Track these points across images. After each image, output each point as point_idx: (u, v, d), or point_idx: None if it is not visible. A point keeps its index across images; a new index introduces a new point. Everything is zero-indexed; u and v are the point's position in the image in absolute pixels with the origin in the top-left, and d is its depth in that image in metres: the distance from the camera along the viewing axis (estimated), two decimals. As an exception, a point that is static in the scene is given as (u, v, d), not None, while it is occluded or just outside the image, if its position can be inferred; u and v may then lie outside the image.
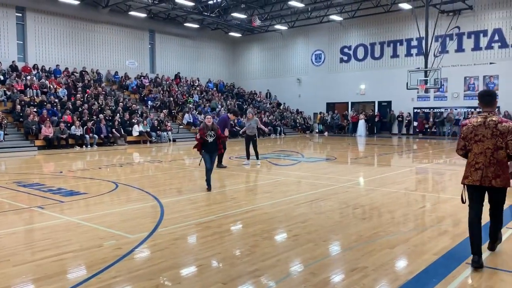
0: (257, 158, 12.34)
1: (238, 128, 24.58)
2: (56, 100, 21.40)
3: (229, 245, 4.89)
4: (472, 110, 25.00)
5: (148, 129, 21.94)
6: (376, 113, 28.76)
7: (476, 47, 25.31)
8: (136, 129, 21.33)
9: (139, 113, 23.34)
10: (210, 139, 8.03)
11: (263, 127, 13.70)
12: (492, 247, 4.59)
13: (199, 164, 8.80)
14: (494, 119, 4.15)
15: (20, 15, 24.29)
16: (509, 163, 4.19)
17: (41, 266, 4.19)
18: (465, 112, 25.69)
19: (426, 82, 23.61)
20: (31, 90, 21.51)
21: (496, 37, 24.68)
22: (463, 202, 4.28)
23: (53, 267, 4.16)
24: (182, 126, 25.10)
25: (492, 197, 4.31)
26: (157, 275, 3.97)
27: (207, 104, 28.39)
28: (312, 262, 4.34)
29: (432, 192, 8.70)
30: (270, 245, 4.90)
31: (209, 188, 8.20)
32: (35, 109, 19.32)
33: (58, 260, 4.37)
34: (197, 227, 5.66)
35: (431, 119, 26.70)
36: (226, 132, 11.68)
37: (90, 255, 4.52)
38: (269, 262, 4.30)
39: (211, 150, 8.19)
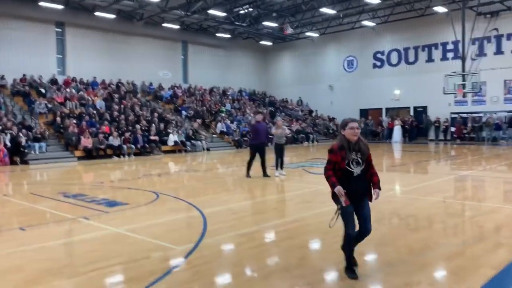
0: (282, 168, 11.74)
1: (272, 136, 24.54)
2: (94, 111, 21.99)
3: (277, 257, 4.83)
4: (514, 114, 24.11)
5: (183, 139, 22.21)
6: (412, 118, 28.14)
7: (517, 49, 24.44)
8: (172, 139, 21.63)
9: (174, 123, 23.69)
10: (356, 169, 4.12)
11: (287, 132, 13.36)
12: None
13: (330, 226, 4.31)
14: None
15: (60, 30, 25.20)
16: None
17: (93, 279, 4.24)
18: (505, 116, 24.79)
19: (463, 86, 22.92)
20: (70, 102, 22.20)
21: (538, 38, 23.77)
22: None
23: (104, 280, 4.21)
24: (215, 135, 25.30)
25: None
26: (208, 288, 3.95)
27: (239, 113, 28.53)
28: (364, 277, 4.22)
29: (480, 201, 8.37)
30: (319, 257, 4.81)
31: (354, 275, 4.17)
32: (74, 121, 19.91)
33: (109, 273, 4.41)
34: (241, 238, 5.63)
35: (469, 124, 25.88)
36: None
37: (139, 267, 4.55)
38: (320, 275, 4.21)
39: (359, 194, 4.23)
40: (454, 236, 5.66)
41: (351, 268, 4.19)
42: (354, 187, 4.16)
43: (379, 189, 4.27)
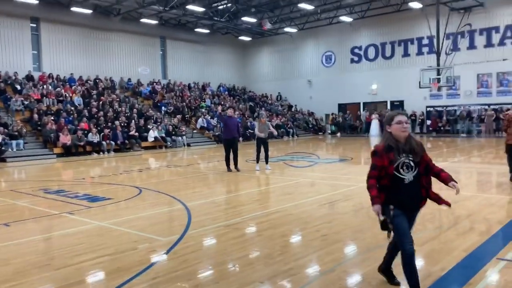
0: (267, 163, 11.85)
1: (251, 131, 24.69)
2: (72, 108, 21.73)
3: (261, 246, 5.00)
4: (486, 107, 24.87)
5: (163, 134, 22.17)
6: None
7: (489, 44, 25.18)
8: (152, 135, 21.56)
9: (154, 119, 23.60)
10: (408, 175, 3.44)
11: (273, 130, 13.51)
12: None
13: (388, 237, 3.64)
14: None
15: (35, 25, 24.74)
16: None
17: (81, 270, 4.33)
18: (478, 109, 25.54)
19: (438, 80, 23.55)
20: (47, 99, 21.87)
21: (509, 34, 24.54)
22: None
23: (94, 271, 4.31)
24: (196, 131, 25.31)
25: None
26: (194, 276, 4.09)
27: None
28: (343, 261, 4.43)
29: (453, 190, 8.71)
30: (300, 245, 5.00)
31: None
32: (52, 118, 19.65)
33: (97, 264, 4.51)
34: (226, 229, 5.78)
35: (444, 118, 26.58)
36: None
37: (127, 258, 4.66)
38: (302, 261, 4.40)
39: (410, 205, 3.55)
40: (430, 222, 5.93)
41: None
42: (404, 197, 3.36)
43: (455, 181, 3.67)
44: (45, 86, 22.79)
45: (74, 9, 23.95)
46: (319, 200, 7.61)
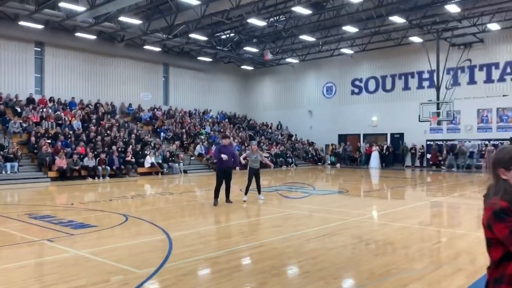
0: (259, 193, 11.50)
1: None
2: (71, 132, 21.73)
3: (238, 282, 4.79)
4: (486, 142, 24.73)
5: (160, 161, 22.06)
6: (389, 145, 28.58)
7: (489, 80, 25.27)
8: (148, 161, 21.46)
9: (152, 144, 23.56)
10: None
11: (267, 161, 12.65)
12: None
13: None
14: None
15: (39, 49, 25.08)
16: None
17: (46, 302, 4.14)
18: (479, 144, 25.40)
19: (438, 114, 23.54)
20: (46, 122, 21.92)
21: (509, 70, 24.65)
22: None
23: (59, 303, 4.11)
24: (193, 158, 25.20)
25: None
26: (163, 313, 3.89)
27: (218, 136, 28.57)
28: (322, 301, 4.22)
29: (447, 227, 8.50)
30: (279, 282, 4.79)
31: None
32: (48, 141, 19.62)
33: (64, 296, 4.31)
34: (205, 263, 5.58)
35: (444, 152, 26.42)
36: (224, 157, 10.71)
37: (96, 291, 4.46)
38: (278, 300, 4.20)
39: None
40: (417, 261, 5.72)
41: None
42: None
43: None
44: (45, 110, 22.88)
45: (78, 34, 24.29)
46: (307, 234, 7.41)
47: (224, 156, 10.61)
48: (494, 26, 23.55)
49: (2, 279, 4.91)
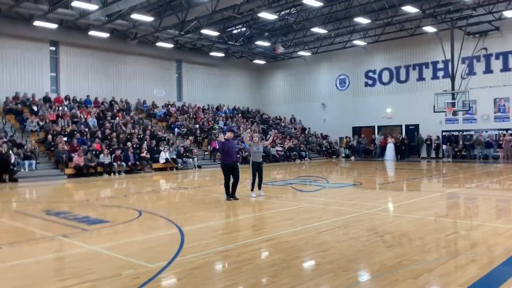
0: (259, 188, 11.17)
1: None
2: (86, 129, 22.03)
3: (248, 275, 4.82)
4: (504, 132, 24.29)
5: (174, 156, 22.23)
6: (404, 137, 28.27)
7: (505, 68, 24.76)
8: (163, 156, 21.64)
9: (166, 140, 23.74)
10: None
11: (268, 142, 12.50)
12: None
13: None
14: None
15: (54, 48, 25.43)
16: None
17: (60, 296, 4.23)
18: (496, 134, 24.97)
19: (453, 104, 23.18)
20: (62, 120, 22.25)
21: (526, 58, 24.11)
22: None
23: (72, 297, 4.20)
24: (207, 153, 25.32)
25: None
26: (173, 306, 3.94)
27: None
28: (331, 293, 4.22)
29: (462, 218, 8.40)
30: (289, 275, 4.80)
31: None
32: (65, 138, 19.92)
33: (78, 290, 4.40)
34: (216, 256, 5.62)
35: (460, 142, 26.04)
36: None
37: (109, 285, 4.54)
38: (287, 293, 4.21)
39: None
40: (429, 253, 5.66)
41: None
42: None
43: None
44: (60, 108, 23.23)
45: (92, 33, 24.54)
46: (319, 226, 7.40)
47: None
48: (510, 14, 23.00)
49: (20, 273, 5.04)
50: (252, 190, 11.15)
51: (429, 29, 25.56)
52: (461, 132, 26.27)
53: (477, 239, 6.29)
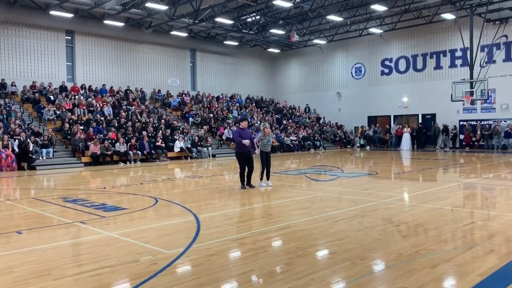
0: (268, 178, 11.11)
1: (277, 144, 24.55)
2: (102, 118, 22.24)
3: (264, 262, 4.83)
4: (524, 121, 23.83)
5: (189, 145, 22.34)
6: (420, 126, 27.93)
7: (526, 56, 24.19)
8: (178, 145, 21.77)
9: (181, 129, 23.85)
10: None
11: (275, 141, 12.37)
12: None
13: None
14: None
15: (70, 38, 25.64)
16: None
17: (79, 281, 4.30)
18: (515, 123, 24.51)
19: (472, 93, 22.77)
20: (78, 109, 22.50)
21: (548, 45, 23.51)
22: None
23: (91, 282, 4.26)
24: (222, 142, 25.37)
25: None
26: (190, 292, 3.97)
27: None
28: (348, 281, 4.21)
29: (480, 208, 8.28)
30: (305, 262, 4.80)
31: None
32: (81, 127, 20.15)
33: (96, 275, 4.46)
34: (232, 243, 5.64)
35: (478, 132, 25.62)
36: (246, 142, 10.48)
37: (127, 270, 4.60)
38: (303, 280, 4.20)
39: None
40: (446, 243, 5.60)
41: None
42: None
43: None
44: (76, 97, 23.47)
45: (107, 22, 24.65)
46: (335, 215, 7.37)
47: (246, 141, 10.44)
48: (532, 0, 22.40)
49: (39, 258, 5.13)
50: (261, 179, 11.09)
51: (448, 16, 25.05)
52: (479, 122, 25.82)
53: (496, 230, 6.20)
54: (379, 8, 23.93)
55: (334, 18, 25.94)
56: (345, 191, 10.27)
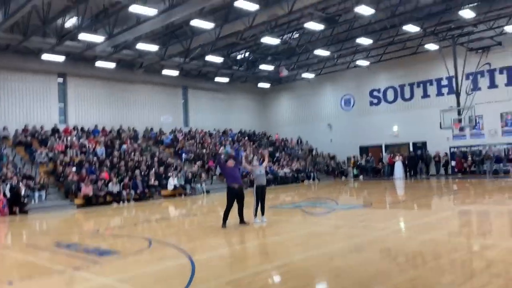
0: (263, 214, 10.59)
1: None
2: (95, 158, 22.18)
3: (261, 304, 4.78)
4: (513, 146, 24.13)
5: (182, 182, 22.25)
6: (412, 154, 28.13)
7: (510, 82, 24.73)
8: (171, 183, 21.67)
9: (174, 166, 23.80)
10: None
11: (265, 163, 11.68)
12: None
13: None
14: None
15: (62, 80, 25.89)
16: None
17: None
18: (505, 148, 24.80)
19: (460, 120, 23.13)
20: (71, 150, 22.44)
21: (530, 71, 24.13)
22: None
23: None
24: (215, 177, 25.32)
25: None
26: None
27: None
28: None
29: (476, 237, 8.28)
30: (302, 303, 4.75)
31: None
32: (74, 169, 20.05)
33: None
34: (227, 286, 5.58)
35: (469, 158, 25.86)
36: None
37: (122, 319, 4.52)
38: (301, 322, 4.16)
39: None
40: (444, 275, 5.59)
41: None
42: None
43: None
44: (69, 138, 23.46)
45: (98, 63, 24.97)
46: (331, 251, 7.33)
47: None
48: (511, 29, 23.13)
49: (31, 310, 5.03)
50: (255, 215, 10.63)
51: (431, 46, 25.74)
52: (469, 148, 26.10)
53: (493, 260, 6.20)
54: (364, 41, 24.57)
55: (321, 52, 26.54)
56: (340, 224, 10.24)
